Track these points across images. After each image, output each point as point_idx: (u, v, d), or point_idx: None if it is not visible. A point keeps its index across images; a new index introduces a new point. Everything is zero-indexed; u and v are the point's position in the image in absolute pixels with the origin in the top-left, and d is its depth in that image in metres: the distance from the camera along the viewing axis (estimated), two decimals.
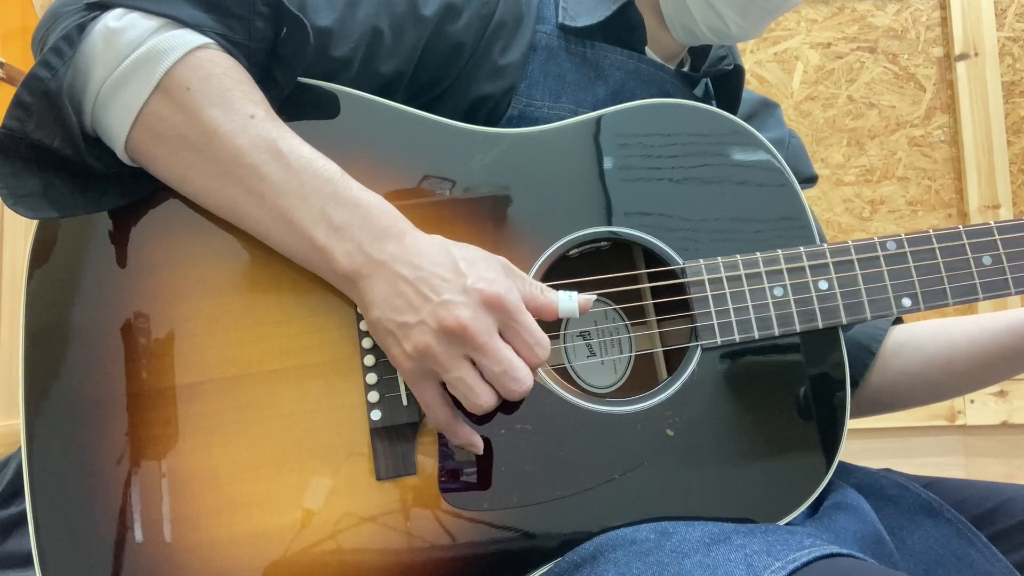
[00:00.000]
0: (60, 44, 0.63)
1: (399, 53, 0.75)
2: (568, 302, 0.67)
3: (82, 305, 0.68)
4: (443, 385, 0.65)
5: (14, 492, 1.10)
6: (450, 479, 0.68)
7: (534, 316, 0.65)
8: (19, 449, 0.68)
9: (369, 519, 0.66)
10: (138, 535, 0.65)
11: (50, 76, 0.62)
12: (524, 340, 0.63)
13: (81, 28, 0.64)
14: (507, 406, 0.67)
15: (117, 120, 0.65)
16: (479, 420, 0.68)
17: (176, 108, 0.64)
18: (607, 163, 0.75)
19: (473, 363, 0.63)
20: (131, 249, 0.69)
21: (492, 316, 0.62)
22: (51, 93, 0.62)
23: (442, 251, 0.64)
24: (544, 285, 0.68)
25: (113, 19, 0.64)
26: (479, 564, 0.67)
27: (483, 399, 0.63)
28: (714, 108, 0.78)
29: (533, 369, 0.64)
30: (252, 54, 0.68)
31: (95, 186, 0.68)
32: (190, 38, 0.65)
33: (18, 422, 0.67)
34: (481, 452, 0.68)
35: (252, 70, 0.68)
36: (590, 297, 0.68)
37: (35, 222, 0.69)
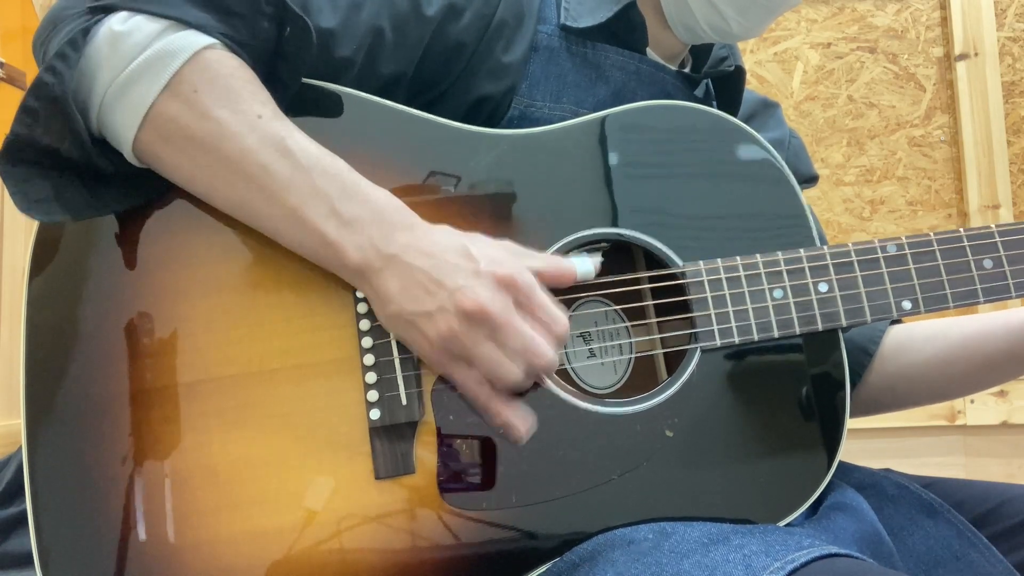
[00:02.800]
0: (65, 49, 0.63)
1: (401, 53, 0.75)
2: (584, 264, 0.70)
3: (83, 304, 0.68)
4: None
5: (14, 492, 1.10)
6: (450, 478, 0.68)
7: (554, 284, 0.68)
8: (19, 449, 0.68)
9: (368, 518, 0.67)
10: (138, 533, 0.65)
11: (56, 81, 0.62)
12: (539, 318, 0.65)
13: (85, 32, 0.64)
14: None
15: (124, 122, 0.65)
16: (480, 420, 0.68)
17: (184, 109, 0.64)
18: (607, 164, 0.75)
19: (496, 343, 0.64)
20: (132, 248, 0.70)
21: (508, 296, 0.64)
22: (58, 98, 0.62)
23: (451, 239, 0.66)
24: (558, 257, 0.70)
25: (118, 22, 0.64)
26: (477, 563, 0.67)
27: (512, 373, 0.65)
28: (714, 110, 0.78)
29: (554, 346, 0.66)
30: (256, 53, 0.68)
31: (105, 188, 0.68)
32: (196, 39, 0.65)
33: (18, 422, 0.67)
34: (523, 437, 0.68)
35: (257, 69, 0.68)
36: (599, 257, 0.72)
37: (35, 222, 0.69)
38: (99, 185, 0.68)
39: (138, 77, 0.64)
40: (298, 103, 0.71)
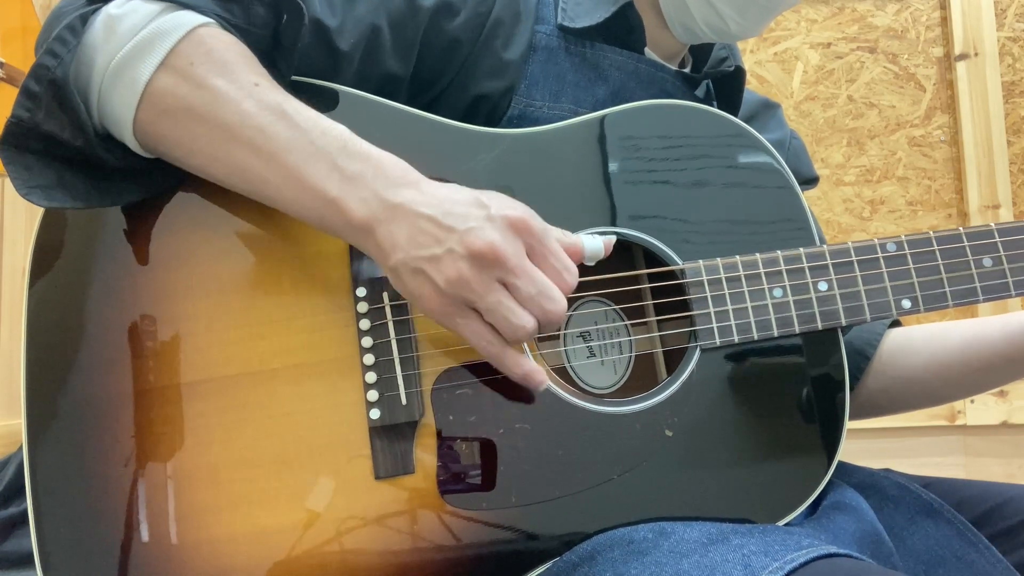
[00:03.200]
0: (64, 33, 0.63)
1: (399, 50, 0.76)
2: (592, 242, 0.67)
3: (84, 304, 0.68)
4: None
5: (14, 492, 1.10)
6: (450, 478, 0.68)
7: None
8: (18, 449, 0.68)
9: (368, 518, 0.67)
10: (139, 533, 0.65)
11: (56, 64, 0.62)
12: (552, 265, 0.63)
13: (84, 19, 0.64)
14: (508, 405, 0.68)
15: (123, 102, 0.65)
16: (480, 419, 0.69)
17: (181, 82, 0.64)
18: (607, 164, 0.75)
19: (508, 289, 0.62)
20: (133, 248, 0.70)
21: (520, 239, 0.62)
22: (57, 81, 0.62)
23: (460, 190, 0.64)
24: (564, 231, 0.68)
25: (115, 7, 0.65)
26: (477, 563, 0.67)
27: (524, 320, 0.62)
28: (715, 109, 0.78)
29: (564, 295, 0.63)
30: (252, 39, 0.68)
31: (107, 181, 0.68)
32: (192, 18, 0.65)
33: (18, 422, 0.67)
34: (542, 386, 0.66)
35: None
36: (612, 237, 0.68)
37: (36, 223, 0.69)
38: (102, 178, 0.67)
39: (134, 56, 0.64)
40: None
